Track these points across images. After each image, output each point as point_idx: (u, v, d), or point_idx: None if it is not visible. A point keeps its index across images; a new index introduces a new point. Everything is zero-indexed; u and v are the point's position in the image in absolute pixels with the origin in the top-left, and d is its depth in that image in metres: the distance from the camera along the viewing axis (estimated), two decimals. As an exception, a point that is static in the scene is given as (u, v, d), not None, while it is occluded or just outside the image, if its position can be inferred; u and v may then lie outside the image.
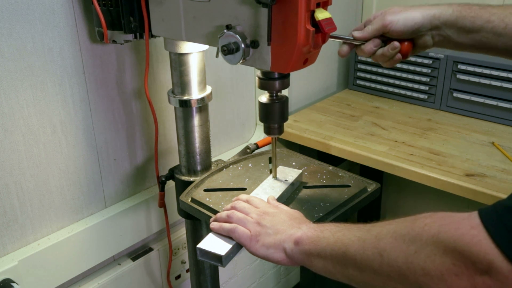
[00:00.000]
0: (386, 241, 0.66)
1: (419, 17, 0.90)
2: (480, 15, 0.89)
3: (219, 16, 0.89)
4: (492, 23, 0.88)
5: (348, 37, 0.94)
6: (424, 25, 0.91)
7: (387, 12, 0.92)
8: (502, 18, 0.87)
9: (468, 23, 0.89)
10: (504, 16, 0.87)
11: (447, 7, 0.91)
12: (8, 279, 1.07)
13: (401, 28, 0.91)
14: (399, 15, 0.90)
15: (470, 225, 0.57)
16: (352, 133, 1.62)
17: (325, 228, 0.78)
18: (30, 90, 1.05)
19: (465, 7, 0.90)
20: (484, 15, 0.88)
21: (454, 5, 0.91)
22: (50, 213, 1.17)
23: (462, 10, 0.90)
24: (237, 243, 0.87)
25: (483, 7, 0.89)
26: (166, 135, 1.37)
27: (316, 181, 1.11)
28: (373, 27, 0.92)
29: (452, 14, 0.90)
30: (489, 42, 0.89)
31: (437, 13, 0.90)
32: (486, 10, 0.89)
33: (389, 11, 0.92)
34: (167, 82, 1.31)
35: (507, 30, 0.87)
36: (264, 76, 0.95)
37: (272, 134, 1.01)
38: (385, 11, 0.93)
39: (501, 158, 1.44)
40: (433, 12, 0.90)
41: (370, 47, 0.93)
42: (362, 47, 0.94)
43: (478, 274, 0.56)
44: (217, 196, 1.06)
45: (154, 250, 1.43)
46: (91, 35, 1.13)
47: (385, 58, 0.94)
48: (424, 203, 2.07)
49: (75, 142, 1.17)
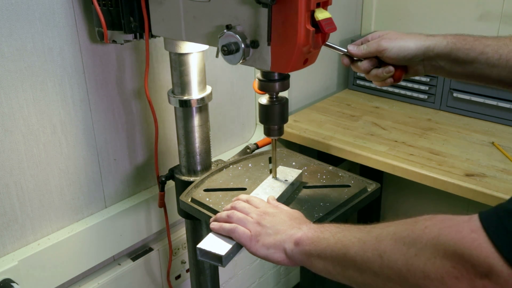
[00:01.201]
0: (386, 243, 0.66)
1: (413, 48, 0.92)
2: (475, 47, 0.90)
3: (219, 16, 0.89)
4: (486, 55, 0.89)
5: (343, 49, 0.97)
6: (417, 56, 0.93)
7: (383, 37, 0.94)
8: (496, 50, 0.88)
9: (462, 55, 0.90)
10: (498, 48, 0.88)
11: (442, 38, 0.92)
12: (8, 279, 1.07)
13: (394, 56, 0.93)
14: (394, 43, 0.92)
15: (471, 228, 0.57)
16: (352, 133, 1.62)
17: (325, 229, 0.78)
18: (30, 90, 1.05)
19: (460, 39, 0.91)
20: (478, 47, 0.89)
21: (449, 36, 0.92)
22: (50, 213, 1.17)
23: (456, 42, 0.91)
24: (237, 243, 0.87)
25: (478, 38, 0.91)
26: (166, 135, 1.37)
27: (316, 181, 1.11)
28: (368, 49, 0.94)
29: (447, 46, 0.91)
30: (483, 73, 0.90)
31: (431, 45, 0.91)
32: (480, 42, 0.90)
33: (385, 36, 0.94)
34: (167, 82, 1.31)
35: (501, 61, 0.88)
36: (264, 77, 0.95)
37: (272, 136, 1.02)
38: (382, 36, 0.95)
39: (501, 158, 1.44)
40: (428, 44, 0.92)
41: (367, 65, 0.96)
42: (359, 64, 0.96)
43: (478, 278, 0.56)
44: (217, 196, 1.06)
45: (154, 250, 1.43)
46: (91, 35, 1.13)
47: (378, 78, 0.96)
48: (424, 203, 2.07)
49: (75, 142, 1.17)
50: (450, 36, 0.92)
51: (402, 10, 1.96)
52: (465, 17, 1.81)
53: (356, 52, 0.95)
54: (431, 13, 1.89)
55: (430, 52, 0.92)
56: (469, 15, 1.80)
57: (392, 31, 0.95)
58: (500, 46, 0.88)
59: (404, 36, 0.93)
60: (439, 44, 0.91)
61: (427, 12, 1.89)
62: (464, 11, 1.80)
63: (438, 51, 0.91)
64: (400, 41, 0.92)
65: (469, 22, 1.80)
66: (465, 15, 1.80)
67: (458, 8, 1.81)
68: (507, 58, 0.88)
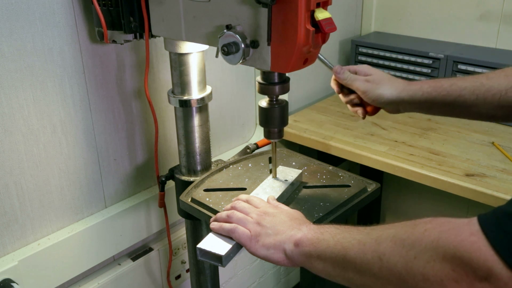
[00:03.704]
0: (386, 245, 0.66)
1: (389, 98, 0.97)
2: (451, 93, 0.93)
3: (219, 16, 0.89)
4: (463, 97, 0.92)
5: (331, 64, 1.02)
6: (392, 104, 0.98)
7: (368, 80, 0.99)
8: (473, 91, 0.91)
9: (439, 101, 0.94)
10: (474, 89, 0.91)
11: (418, 89, 0.95)
12: (8, 279, 1.07)
13: (370, 101, 0.99)
14: (374, 90, 0.97)
15: (470, 232, 0.57)
16: (352, 133, 1.62)
17: (325, 230, 0.78)
18: (30, 90, 1.05)
19: (436, 86, 0.94)
20: (455, 92, 0.93)
21: (425, 85, 0.95)
22: (50, 213, 1.17)
23: (432, 92, 0.94)
24: (237, 243, 0.87)
25: (454, 82, 0.93)
26: (166, 135, 1.37)
27: (316, 181, 1.11)
28: (350, 82, 1.00)
29: (422, 97, 0.95)
30: (461, 112, 0.95)
31: (407, 97, 0.96)
32: (457, 86, 0.93)
33: (370, 79, 0.99)
34: (167, 82, 1.31)
35: (478, 101, 0.91)
36: (264, 80, 0.95)
37: (272, 138, 1.02)
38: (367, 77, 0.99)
39: (501, 158, 1.44)
40: (403, 96, 0.96)
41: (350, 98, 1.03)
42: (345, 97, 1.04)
43: (477, 281, 0.55)
44: (217, 196, 1.06)
45: (154, 250, 1.43)
46: (91, 35, 1.13)
47: (350, 103, 1.04)
48: (424, 203, 2.07)
49: (75, 142, 1.17)
50: (427, 85, 0.95)
51: (402, 10, 1.96)
52: (465, 17, 1.81)
53: (339, 76, 1.01)
54: (431, 13, 1.89)
55: (405, 103, 0.97)
56: (469, 15, 1.80)
57: (379, 73, 0.99)
58: (477, 87, 0.91)
59: (385, 83, 0.97)
60: (414, 95, 0.95)
61: (427, 12, 1.89)
62: (464, 11, 1.80)
63: (415, 100, 0.96)
64: (379, 89, 0.97)
65: (469, 22, 1.80)
66: (465, 15, 1.80)
67: (458, 8, 1.81)
68: (484, 97, 0.91)
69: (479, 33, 1.79)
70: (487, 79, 0.91)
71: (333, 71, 1.02)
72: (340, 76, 1.01)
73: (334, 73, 1.01)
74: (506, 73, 0.91)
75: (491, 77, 0.91)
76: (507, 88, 0.89)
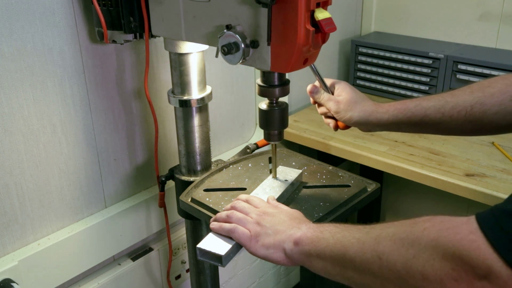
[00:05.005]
0: (385, 244, 0.66)
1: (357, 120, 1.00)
2: (416, 114, 0.96)
3: (219, 16, 0.89)
4: (428, 117, 0.95)
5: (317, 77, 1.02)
6: (362, 125, 1.01)
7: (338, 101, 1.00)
8: (438, 109, 0.93)
9: (405, 123, 0.97)
10: (439, 107, 0.93)
11: (384, 112, 0.98)
12: (8, 279, 1.07)
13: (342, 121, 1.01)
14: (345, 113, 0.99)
15: (469, 230, 0.57)
16: (352, 133, 1.62)
17: (324, 228, 0.78)
18: (30, 90, 1.05)
19: (402, 108, 0.97)
20: (419, 113, 0.95)
21: (392, 108, 0.98)
22: (50, 213, 1.17)
23: (398, 114, 0.97)
24: (237, 243, 0.87)
25: (419, 103, 0.96)
26: (166, 135, 1.37)
27: (316, 181, 1.11)
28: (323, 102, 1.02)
29: (388, 120, 0.98)
30: (430, 130, 0.97)
31: (375, 120, 0.99)
32: (421, 107, 0.95)
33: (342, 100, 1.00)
34: (167, 82, 1.31)
35: (444, 119, 0.93)
36: (264, 83, 0.95)
37: (272, 141, 1.02)
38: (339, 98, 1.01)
39: (501, 158, 1.44)
40: (371, 119, 0.99)
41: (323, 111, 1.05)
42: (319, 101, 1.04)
43: (477, 279, 0.56)
44: (217, 196, 1.06)
45: (154, 250, 1.43)
46: (91, 35, 1.13)
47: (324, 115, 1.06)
48: (424, 203, 2.07)
49: (75, 142, 1.17)
50: (393, 107, 0.98)
51: (402, 10, 1.96)
52: (465, 17, 1.81)
53: (313, 95, 1.04)
54: (431, 13, 1.89)
55: (374, 125, 1.00)
56: (469, 15, 1.80)
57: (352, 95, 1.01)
58: (442, 105, 0.93)
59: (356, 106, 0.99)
60: (381, 119, 0.98)
61: (427, 12, 1.90)
62: (464, 11, 1.81)
63: (382, 124, 0.99)
64: (350, 112, 0.99)
65: (469, 22, 1.81)
66: (465, 15, 1.81)
67: (458, 8, 1.81)
68: (450, 114, 0.93)
69: (479, 33, 1.79)
70: (451, 97, 0.93)
71: (307, 91, 1.04)
72: (314, 95, 1.04)
73: (308, 92, 1.04)
74: (472, 89, 0.93)
75: (456, 94, 0.93)
76: (472, 104, 0.91)
